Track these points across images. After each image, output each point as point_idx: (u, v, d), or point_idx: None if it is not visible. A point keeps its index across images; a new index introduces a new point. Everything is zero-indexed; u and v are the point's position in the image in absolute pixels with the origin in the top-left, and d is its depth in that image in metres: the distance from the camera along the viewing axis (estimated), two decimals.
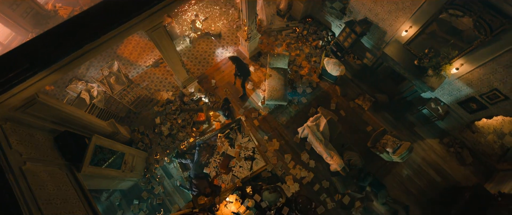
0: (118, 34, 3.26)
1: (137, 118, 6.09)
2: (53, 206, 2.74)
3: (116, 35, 3.26)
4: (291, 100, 6.17)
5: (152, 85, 6.51)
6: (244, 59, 6.73)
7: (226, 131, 5.82)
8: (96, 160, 3.93)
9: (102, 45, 3.24)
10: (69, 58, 3.02)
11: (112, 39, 3.23)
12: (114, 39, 3.28)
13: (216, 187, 5.27)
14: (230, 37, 7.15)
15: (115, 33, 3.20)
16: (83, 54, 3.11)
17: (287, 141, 5.80)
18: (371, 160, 5.52)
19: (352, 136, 5.77)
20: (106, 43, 3.25)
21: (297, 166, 5.53)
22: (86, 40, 2.98)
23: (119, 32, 3.23)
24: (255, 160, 5.53)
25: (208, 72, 6.61)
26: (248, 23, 5.48)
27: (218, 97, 6.24)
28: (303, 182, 5.40)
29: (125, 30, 3.32)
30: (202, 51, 6.95)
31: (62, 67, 3.11)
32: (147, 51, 6.99)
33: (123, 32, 3.33)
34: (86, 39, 2.98)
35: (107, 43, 3.26)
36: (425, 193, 5.36)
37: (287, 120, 6.02)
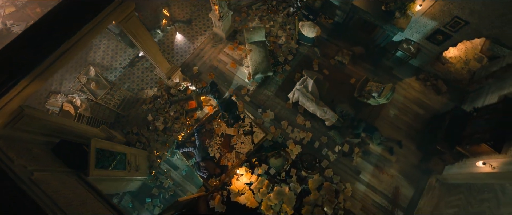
0: (93, 28, 3.15)
1: (127, 120, 5.96)
2: (74, 208, 2.73)
3: (92, 29, 3.16)
4: (275, 70, 6.31)
5: (134, 86, 6.35)
6: (221, 39, 6.71)
7: (220, 113, 5.89)
8: (100, 164, 3.88)
9: (79, 42, 3.13)
10: (49, 61, 2.90)
11: (88, 33, 3.12)
12: (91, 33, 3.17)
13: (224, 167, 5.41)
14: (202, 21, 7.04)
15: (90, 27, 3.09)
16: (62, 54, 2.99)
17: (281, 109, 6.00)
18: (361, 108, 5.90)
19: (339, 90, 6.08)
20: (83, 39, 3.14)
21: (295, 130, 5.77)
22: (63, 38, 2.87)
23: (93, 25, 3.12)
24: (255, 133, 5.70)
25: (188, 61, 6.54)
26: (218, 1, 5.43)
27: (205, 82, 6.23)
28: (304, 143, 5.68)
29: (99, 23, 3.21)
30: (177, 41, 6.81)
31: (43, 72, 2.98)
32: (119, 52, 6.73)
33: (98, 25, 3.22)
34: (62, 37, 2.87)
35: (84, 39, 3.15)
36: (412, 126, 5.86)
37: (276, 89, 6.19)
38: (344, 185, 5.33)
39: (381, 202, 5.31)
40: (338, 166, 5.52)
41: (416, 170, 5.53)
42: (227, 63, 6.48)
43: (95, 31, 3.29)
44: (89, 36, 3.20)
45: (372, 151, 5.65)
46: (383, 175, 5.49)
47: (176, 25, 6.96)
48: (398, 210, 5.25)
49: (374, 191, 5.39)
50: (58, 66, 3.09)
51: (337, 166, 5.52)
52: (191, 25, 6.99)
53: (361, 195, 5.34)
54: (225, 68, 6.43)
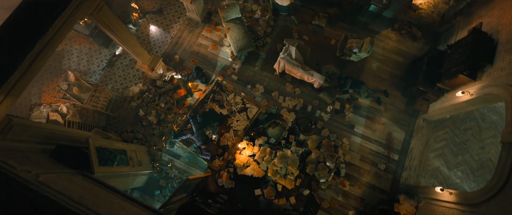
0: (66, 21, 3.04)
1: (119, 121, 5.87)
2: (88, 200, 2.76)
3: (64, 24, 3.04)
4: (257, 44, 6.33)
5: (117, 85, 6.20)
6: (197, 23, 6.59)
7: (210, 95, 5.91)
8: (103, 162, 3.87)
9: (54, 39, 3.02)
10: (28, 62, 2.80)
11: (62, 28, 3.01)
12: (64, 28, 3.06)
13: (225, 146, 5.51)
14: (173, 8, 6.85)
15: (62, 20, 2.98)
16: (39, 53, 2.89)
17: (269, 81, 6.10)
18: (345, 66, 6.09)
19: (322, 53, 6.22)
20: (58, 35, 3.03)
21: (286, 98, 5.92)
22: (36, 36, 2.76)
23: (65, 18, 3.01)
24: (248, 109, 5.80)
25: (168, 51, 6.41)
26: None
27: (189, 69, 6.17)
28: (297, 109, 5.85)
29: (70, 16, 3.10)
30: (152, 33, 6.63)
31: (23, 76, 2.88)
32: (94, 55, 6.48)
33: (70, 19, 3.11)
34: (36, 35, 2.76)
35: (58, 35, 3.04)
36: (394, 74, 6.15)
37: (261, 63, 6.25)
38: (341, 140, 5.61)
39: (377, 149, 5.65)
40: (333, 124, 5.76)
41: (404, 114, 5.88)
42: (207, 46, 6.42)
43: (68, 26, 3.17)
44: (63, 31, 3.09)
45: (361, 105, 5.92)
46: (375, 125, 5.80)
47: (148, 17, 6.75)
48: (393, 153, 5.62)
49: (369, 141, 5.71)
50: (37, 68, 2.99)
51: (332, 124, 5.76)
52: (163, 14, 6.79)
53: (358, 147, 5.65)
54: (207, 52, 6.37)
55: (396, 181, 5.42)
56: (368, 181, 5.44)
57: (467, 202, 3.58)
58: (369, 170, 5.50)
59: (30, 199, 2.33)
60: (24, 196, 2.34)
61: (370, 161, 5.56)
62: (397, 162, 5.57)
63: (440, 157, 5.66)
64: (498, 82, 3.93)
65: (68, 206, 2.37)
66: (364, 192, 5.37)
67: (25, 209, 2.30)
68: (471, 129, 5.83)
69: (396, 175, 5.47)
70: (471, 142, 5.73)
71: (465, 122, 5.86)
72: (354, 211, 5.24)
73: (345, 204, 5.28)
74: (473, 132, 5.80)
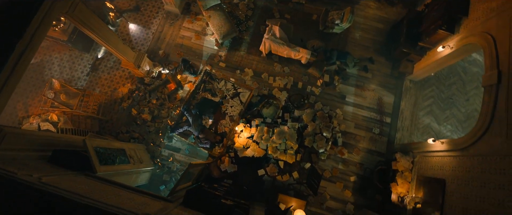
0: (42, 21, 2.97)
1: (112, 124, 5.81)
2: (95, 195, 2.78)
3: (41, 24, 2.97)
4: (240, 29, 6.31)
5: (105, 89, 6.10)
6: (177, 16, 6.50)
7: (201, 85, 5.91)
8: (103, 161, 3.86)
9: (33, 41, 2.95)
10: (10, 67, 2.74)
11: (40, 28, 2.94)
12: (42, 29, 2.99)
13: (222, 134, 5.57)
14: (150, 3, 6.71)
15: (38, 20, 2.91)
16: (21, 57, 2.83)
17: (257, 63, 6.13)
18: (329, 39, 6.17)
19: (305, 29, 6.28)
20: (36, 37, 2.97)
21: (276, 78, 5.98)
22: (15, 38, 2.70)
23: (41, 18, 2.94)
24: (240, 93, 5.84)
25: (151, 47, 6.32)
26: None
27: (176, 62, 6.12)
28: (288, 87, 5.93)
29: (46, 16, 3.02)
30: (132, 32, 6.50)
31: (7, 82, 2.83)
32: (76, 61, 6.32)
33: (45, 19, 3.03)
34: (14, 37, 2.69)
35: (37, 37, 2.97)
36: (377, 41, 6.29)
37: (247, 47, 6.25)
38: (334, 111, 5.75)
39: (370, 115, 5.83)
40: (325, 97, 5.89)
41: (391, 78, 6.05)
42: (191, 37, 6.36)
43: (45, 27, 3.10)
44: (41, 32, 3.02)
45: (350, 74, 6.05)
46: (365, 92, 5.96)
47: (125, 16, 6.59)
48: (385, 116, 5.82)
49: (361, 108, 5.88)
50: (20, 71, 2.93)
51: (323, 97, 5.88)
52: (140, 11, 6.65)
53: (351, 115, 5.82)
54: (191, 43, 6.32)
55: (391, 142, 5.64)
56: (365, 146, 5.63)
57: (457, 147, 3.78)
58: (364, 136, 5.69)
59: (36, 197, 2.33)
60: (30, 195, 2.35)
61: (365, 127, 5.75)
62: (390, 125, 5.77)
63: (430, 114, 5.89)
64: (474, 31, 4.10)
65: (76, 200, 2.39)
66: (362, 157, 5.57)
67: (32, 207, 2.30)
68: (455, 84, 6.07)
69: (391, 137, 5.68)
70: (456, 96, 5.99)
71: (449, 78, 6.09)
72: (355, 176, 5.44)
73: (346, 171, 5.48)
74: (457, 86, 6.05)
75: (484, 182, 3.24)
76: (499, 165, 3.11)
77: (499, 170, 3.09)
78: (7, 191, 2.33)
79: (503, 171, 3.05)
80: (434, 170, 4.18)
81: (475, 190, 3.33)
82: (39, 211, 2.30)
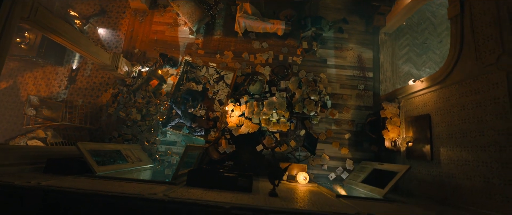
0: (4, 27, 2.87)
1: (102, 131, 5.73)
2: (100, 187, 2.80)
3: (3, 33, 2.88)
4: (211, 13, 6.26)
5: (87, 99, 5.97)
6: (145, 12, 6.35)
7: (184, 76, 5.89)
8: (100, 163, 3.85)
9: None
10: None
11: (4, 34, 2.85)
12: (6, 34, 2.89)
13: (214, 118, 5.62)
14: (115, 4, 6.52)
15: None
16: None
17: (235, 44, 6.13)
18: (301, 7, 6.22)
19: (276, 1, 6.27)
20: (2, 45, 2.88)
21: (256, 55, 6.01)
22: None
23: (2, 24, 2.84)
24: (225, 76, 5.87)
25: (125, 48, 6.19)
26: None
27: (153, 58, 6.04)
28: (270, 61, 5.99)
29: (6, 22, 2.92)
30: (103, 36, 6.33)
31: None
32: (51, 77, 6.13)
33: (7, 25, 2.93)
34: None
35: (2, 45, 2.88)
36: (347, 1, 6.38)
37: (222, 30, 6.23)
38: (318, 76, 5.87)
39: (353, 73, 6.00)
40: (307, 64, 5.99)
41: (367, 34, 6.21)
42: (163, 31, 6.26)
43: (9, 33, 3.00)
44: (5, 39, 2.93)
45: (327, 38, 6.16)
46: (344, 52, 6.10)
47: (92, 21, 6.39)
48: (367, 72, 6.00)
49: (344, 68, 6.03)
50: None
51: (306, 64, 5.99)
52: (107, 14, 6.46)
53: (335, 77, 5.96)
54: (165, 37, 6.23)
55: (377, 95, 5.85)
56: (353, 104, 5.82)
57: (436, 81, 3.99)
58: (350, 94, 5.87)
59: (39, 196, 2.34)
60: (32, 196, 2.35)
61: (349, 86, 5.92)
62: (373, 79, 5.96)
63: (408, 61, 6.12)
64: None
65: (80, 192, 2.41)
66: (353, 114, 5.76)
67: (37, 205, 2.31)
68: (427, 28, 6.30)
69: (375, 89, 5.89)
70: (429, 40, 6.23)
71: (420, 24, 6.31)
72: (349, 133, 5.65)
73: (339, 130, 5.67)
74: (429, 30, 6.28)
75: (463, 105, 3.46)
76: (473, 86, 3.32)
77: (474, 90, 3.30)
78: (7, 194, 2.32)
79: (477, 90, 3.26)
80: (419, 109, 4.40)
81: (456, 115, 3.56)
82: (44, 208, 2.31)
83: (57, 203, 2.34)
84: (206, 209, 2.36)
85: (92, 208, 2.40)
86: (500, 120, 2.94)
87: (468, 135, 3.35)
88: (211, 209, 2.35)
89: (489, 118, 3.07)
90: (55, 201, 2.35)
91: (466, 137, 3.37)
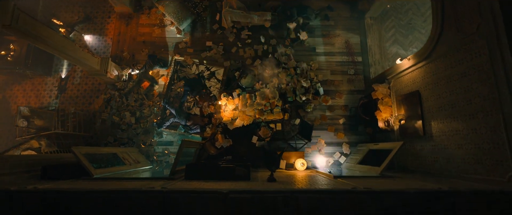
0: None
1: (97, 138, 5.68)
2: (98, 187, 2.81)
3: None
4: (197, 11, 6.25)
5: (79, 107, 5.93)
6: (130, 15, 6.31)
7: (175, 75, 5.89)
8: (97, 166, 3.84)
9: None
10: None
11: None
12: None
13: (209, 115, 5.62)
14: (100, 10, 6.47)
15: None
16: None
17: (224, 39, 6.13)
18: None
19: None
20: None
21: (245, 48, 6.03)
22: None
23: None
24: (216, 72, 5.88)
25: (113, 53, 6.15)
26: None
27: (143, 60, 6.02)
28: (260, 54, 6.01)
29: None
30: (90, 43, 6.29)
31: None
32: (40, 88, 6.07)
33: None
34: None
35: None
36: None
37: (209, 27, 6.23)
38: (308, 64, 5.92)
39: (342, 59, 6.06)
40: (296, 54, 6.03)
41: (352, 20, 6.28)
42: (150, 32, 6.24)
43: None
44: None
45: (314, 26, 6.22)
46: (332, 39, 6.17)
47: (78, 29, 6.34)
48: (356, 57, 6.07)
49: (333, 55, 6.09)
50: None
51: (295, 54, 6.02)
52: (92, 20, 6.41)
53: (325, 64, 6.02)
54: (152, 38, 6.21)
55: (367, 78, 5.92)
56: (345, 89, 5.89)
57: (422, 57, 4.06)
58: (341, 80, 5.94)
59: (39, 197, 2.34)
60: (31, 199, 2.34)
61: (340, 71, 5.99)
62: (362, 63, 6.04)
63: (395, 43, 6.21)
64: None
65: (78, 191, 2.41)
66: (345, 99, 5.83)
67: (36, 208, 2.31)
68: (411, 9, 6.39)
69: (366, 73, 5.96)
70: (414, 20, 6.32)
71: (404, 5, 6.40)
72: (343, 118, 5.71)
73: (333, 116, 5.73)
74: (413, 10, 6.38)
75: (449, 77, 3.54)
76: (457, 57, 3.40)
77: (458, 61, 3.38)
78: (5, 200, 2.31)
79: (461, 60, 3.34)
80: (408, 86, 4.48)
81: (444, 88, 3.64)
82: (45, 209, 2.31)
83: (57, 204, 2.34)
84: (205, 196, 2.38)
85: (92, 206, 2.40)
86: (485, 86, 3.01)
87: (456, 105, 3.43)
88: (210, 195, 2.37)
89: (474, 86, 3.15)
90: (54, 202, 2.34)
91: (454, 108, 3.45)
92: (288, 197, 2.32)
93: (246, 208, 2.32)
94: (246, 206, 2.32)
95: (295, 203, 2.30)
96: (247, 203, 2.34)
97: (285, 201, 2.29)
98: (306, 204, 2.31)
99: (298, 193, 2.37)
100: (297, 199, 2.33)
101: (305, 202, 2.32)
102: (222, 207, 2.34)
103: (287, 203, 2.29)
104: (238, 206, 2.31)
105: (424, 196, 2.34)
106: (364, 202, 2.30)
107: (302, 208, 2.30)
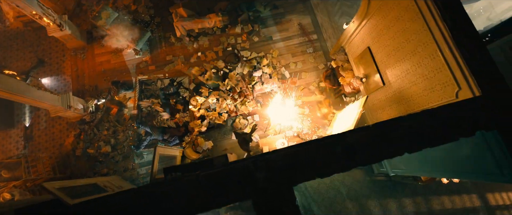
0: None
1: (75, 176, 5.47)
2: None
3: None
4: (150, 29, 6.33)
5: (50, 151, 5.70)
6: (84, 48, 6.26)
7: (142, 95, 5.86)
8: (75, 197, 3.68)
9: None
10: None
11: None
12: None
13: (184, 124, 5.60)
14: (53, 50, 6.37)
15: None
16: None
17: (183, 49, 6.21)
18: None
19: None
20: None
21: (206, 53, 6.13)
22: None
23: None
24: (182, 82, 5.92)
25: (74, 89, 6.04)
26: (42, 12, 4.97)
27: (106, 89, 5.94)
28: (220, 54, 6.14)
29: None
30: (49, 85, 6.14)
31: None
32: (5, 142, 5.79)
33: None
34: None
35: None
36: None
37: (165, 42, 6.31)
38: (269, 53, 6.11)
39: (299, 41, 6.32)
40: (255, 46, 6.23)
41: (299, 3, 6.61)
42: (108, 60, 6.22)
43: None
44: None
45: (266, 17, 6.47)
46: (285, 25, 6.44)
47: (33, 74, 6.18)
48: (311, 35, 6.36)
49: (289, 39, 6.34)
50: None
51: (254, 46, 6.22)
52: (46, 62, 6.29)
53: (284, 49, 6.25)
54: (111, 65, 6.18)
55: (327, 52, 6.20)
56: (309, 67, 6.11)
57: (362, 16, 4.34)
58: (303, 59, 6.17)
59: None
60: None
61: (300, 52, 6.23)
62: (318, 40, 6.33)
63: (343, 15, 6.57)
64: None
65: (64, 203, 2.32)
66: (313, 76, 6.04)
67: None
68: None
69: (324, 48, 6.24)
70: None
71: None
72: (315, 93, 5.89)
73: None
74: None
75: (388, 25, 3.81)
76: (389, 5, 3.68)
77: (390, 9, 3.66)
78: None
79: (392, 7, 3.62)
80: (360, 46, 4.75)
81: (386, 36, 3.90)
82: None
83: None
84: (180, 181, 2.37)
85: None
86: (415, 22, 3.28)
87: (400, 48, 3.68)
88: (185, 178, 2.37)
89: (408, 25, 3.42)
90: None
91: (399, 51, 3.71)
92: (258, 160, 2.37)
93: (222, 180, 2.33)
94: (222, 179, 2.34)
95: (265, 164, 2.35)
96: (222, 176, 2.36)
97: (255, 164, 2.34)
98: (277, 163, 2.37)
99: (268, 154, 2.43)
100: (267, 160, 2.38)
101: (275, 162, 2.38)
102: (198, 187, 2.34)
103: (258, 166, 2.34)
104: (212, 181, 2.33)
105: (381, 126, 2.48)
106: (330, 145, 2.40)
107: (273, 167, 2.35)
